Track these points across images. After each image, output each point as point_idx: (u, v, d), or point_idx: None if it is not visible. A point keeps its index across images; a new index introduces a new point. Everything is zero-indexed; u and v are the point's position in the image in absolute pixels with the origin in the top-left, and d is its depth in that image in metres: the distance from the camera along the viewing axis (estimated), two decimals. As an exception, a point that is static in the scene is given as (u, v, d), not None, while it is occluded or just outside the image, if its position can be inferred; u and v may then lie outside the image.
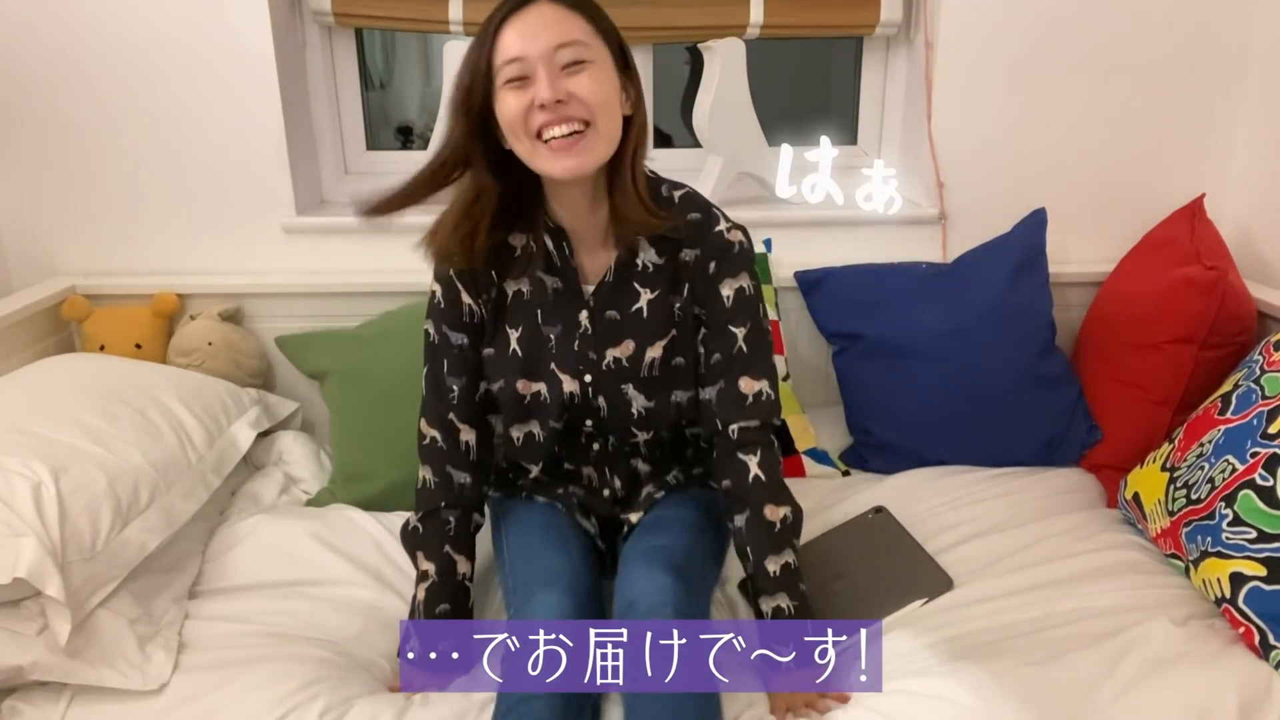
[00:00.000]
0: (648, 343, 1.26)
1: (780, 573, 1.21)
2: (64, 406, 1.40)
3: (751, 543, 1.22)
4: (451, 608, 1.27)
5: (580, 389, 1.27)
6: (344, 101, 1.99)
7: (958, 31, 1.83)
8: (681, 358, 1.28)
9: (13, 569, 1.11)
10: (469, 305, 1.28)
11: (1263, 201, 1.87)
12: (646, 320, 1.26)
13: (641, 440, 1.31)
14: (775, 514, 1.22)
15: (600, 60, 1.13)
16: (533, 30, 1.10)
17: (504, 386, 1.28)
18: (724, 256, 1.24)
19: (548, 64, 1.10)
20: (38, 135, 1.81)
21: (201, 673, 1.20)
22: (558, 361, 1.26)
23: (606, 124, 1.13)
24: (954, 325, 1.74)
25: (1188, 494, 1.37)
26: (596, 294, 1.26)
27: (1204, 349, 1.59)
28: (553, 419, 1.28)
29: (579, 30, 1.11)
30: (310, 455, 1.76)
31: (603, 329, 1.26)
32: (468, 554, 1.31)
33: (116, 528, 1.26)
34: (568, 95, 1.10)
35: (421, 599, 1.26)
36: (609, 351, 1.26)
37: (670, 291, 1.26)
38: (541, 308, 1.27)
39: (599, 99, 1.11)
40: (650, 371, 1.26)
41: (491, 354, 1.29)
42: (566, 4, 1.13)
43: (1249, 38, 1.86)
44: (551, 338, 1.26)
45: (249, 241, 1.89)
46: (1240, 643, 1.22)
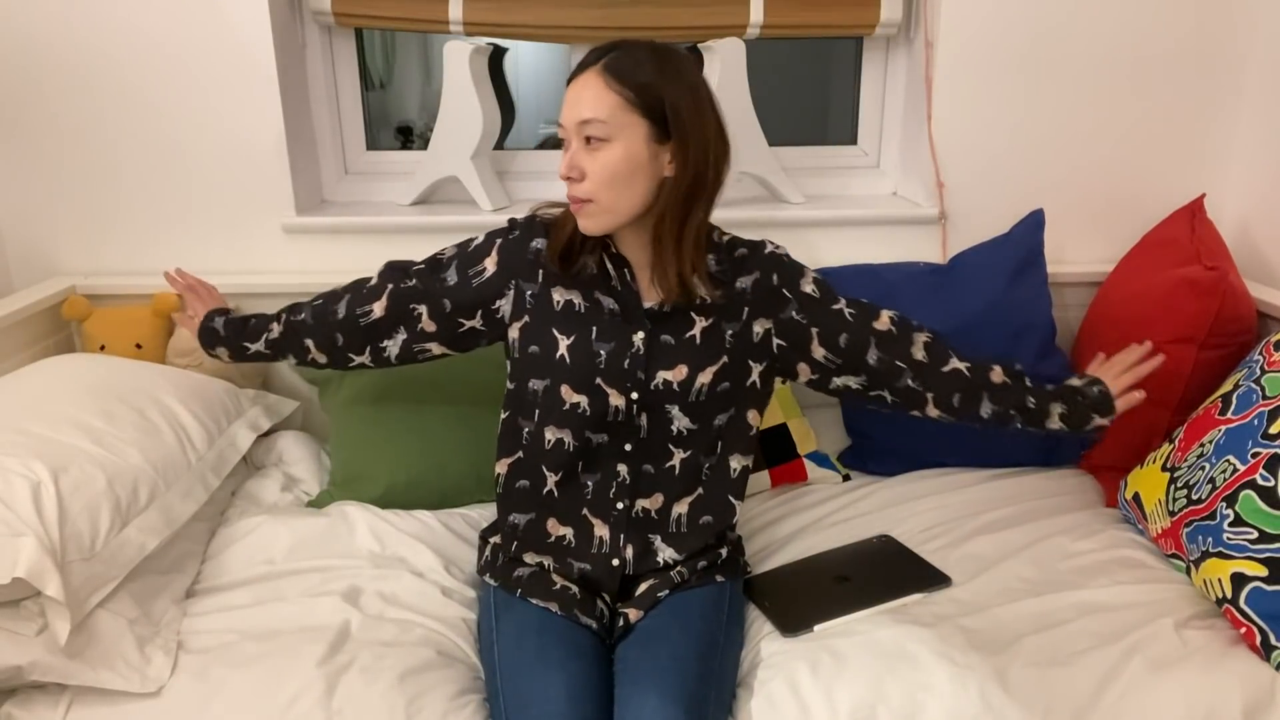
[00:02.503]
0: (700, 368, 1.28)
1: (1037, 398, 1.37)
2: (63, 406, 1.40)
3: (1006, 405, 1.36)
4: (238, 336, 1.48)
5: (626, 405, 1.28)
6: (344, 101, 1.99)
7: (958, 31, 1.83)
8: (728, 382, 1.30)
9: (12, 569, 1.10)
10: (487, 269, 1.32)
11: (1263, 201, 1.87)
12: (700, 346, 1.29)
13: (677, 461, 1.31)
14: (1000, 375, 1.38)
15: (622, 137, 1.18)
16: (570, 102, 1.20)
17: (548, 387, 1.29)
18: (780, 267, 1.34)
19: (575, 137, 1.20)
20: (38, 135, 1.81)
21: (201, 673, 1.20)
22: (605, 377, 1.27)
23: (610, 200, 1.20)
24: (953, 325, 1.73)
25: (1188, 494, 1.37)
26: (653, 318, 1.29)
27: (1204, 349, 1.59)
28: (590, 430, 1.29)
29: (606, 108, 1.17)
30: (310, 455, 1.76)
31: (656, 351, 1.28)
32: (268, 349, 1.47)
33: (116, 528, 1.26)
34: (579, 173, 1.20)
35: (248, 326, 1.48)
36: (660, 373, 1.28)
37: (725, 319, 1.30)
38: (597, 325, 1.29)
39: (601, 180, 1.19)
40: (699, 396, 1.29)
41: (536, 351, 1.30)
42: (612, 74, 1.18)
43: (1249, 38, 1.86)
44: (603, 353, 1.28)
45: (249, 241, 1.89)
46: (1242, 643, 1.22)
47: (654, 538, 1.33)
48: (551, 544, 1.34)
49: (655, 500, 1.33)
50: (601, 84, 1.18)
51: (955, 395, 1.36)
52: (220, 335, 1.49)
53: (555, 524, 1.34)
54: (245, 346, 1.47)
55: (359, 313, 1.38)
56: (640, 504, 1.32)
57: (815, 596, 1.34)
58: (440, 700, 1.19)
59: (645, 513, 1.32)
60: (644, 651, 1.22)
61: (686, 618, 1.26)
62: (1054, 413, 1.38)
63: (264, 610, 1.33)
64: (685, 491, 1.33)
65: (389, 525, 1.53)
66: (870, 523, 1.57)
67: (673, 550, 1.33)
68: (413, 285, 1.36)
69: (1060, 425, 1.39)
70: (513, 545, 1.37)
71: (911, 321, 1.38)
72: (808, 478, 1.73)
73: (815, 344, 1.34)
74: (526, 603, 1.29)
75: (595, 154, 1.19)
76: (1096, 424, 1.41)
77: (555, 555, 1.34)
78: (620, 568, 1.32)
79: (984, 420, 1.38)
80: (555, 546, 1.34)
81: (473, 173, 1.89)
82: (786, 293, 1.33)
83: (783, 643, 1.26)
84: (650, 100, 1.18)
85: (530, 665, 1.19)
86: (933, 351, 1.36)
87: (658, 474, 1.32)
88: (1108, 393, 1.42)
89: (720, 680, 1.21)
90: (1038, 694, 1.14)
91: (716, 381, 1.29)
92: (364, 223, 1.89)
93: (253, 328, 1.47)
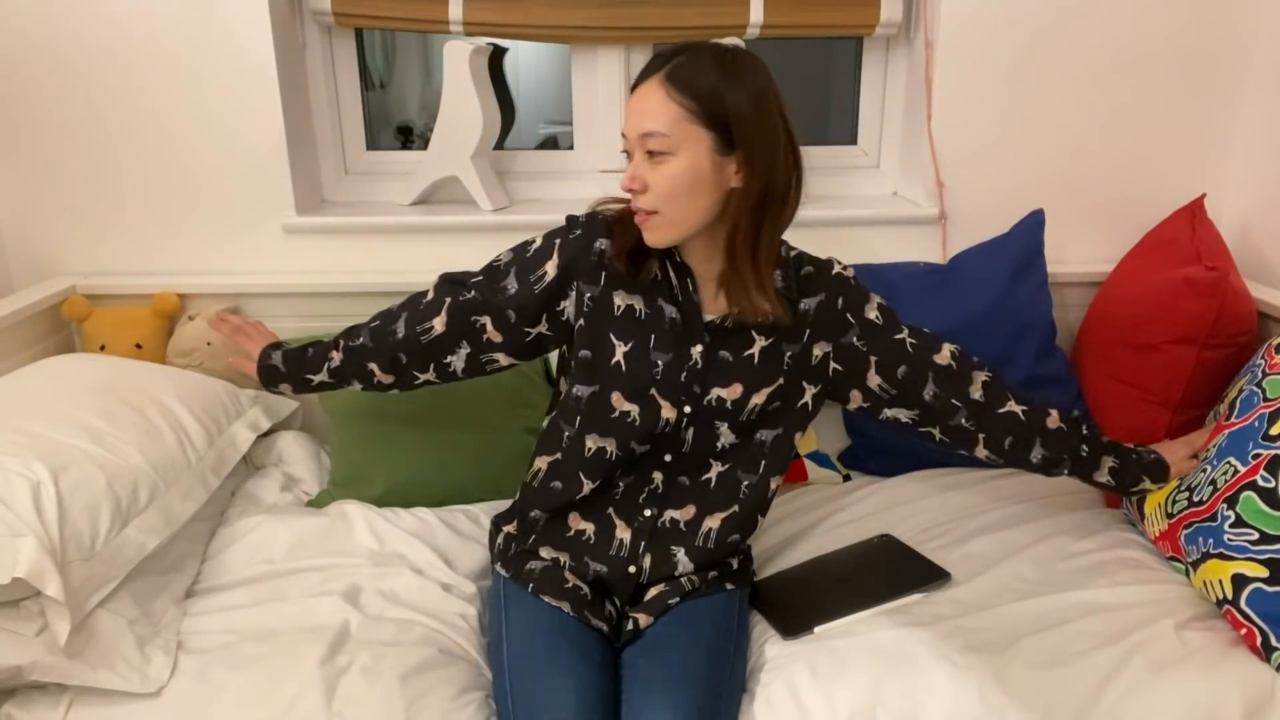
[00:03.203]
0: (755, 388, 1.27)
1: (1090, 447, 1.38)
2: (63, 406, 1.40)
3: (1059, 452, 1.36)
4: (299, 368, 1.44)
5: (676, 418, 1.26)
6: (344, 101, 1.99)
7: (958, 31, 1.83)
8: (780, 401, 1.29)
9: (12, 569, 1.10)
10: (548, 273, 1.28)
11: (1263, 201, 1.87)
12: (758, 366, 1.27)
13: (714, 474, 1.30)
14: (1055, 420, 1.37)
15: (685, 150, 1.14)
16: (633, 113, 1.17)
17: (597, 393, 1.27)
18: (846, 290, 1.31)
19: (637, 149, 1.17)
20: (38, 135, 1.81)
21: (201, 674, 1.20)
22: (660, 388, 1.25)
23: (674, 212, 1.17)
24: (952, 325, 1.74)
25: (1189, 496, 1.37)
26: (713, 331, 1.27)
27: (1204, 349, 1.59)
28: (635, 441, 1.27)
29: (668, 120, 1.14)
30: (310, 456, 1.76)
31: (714, 367, 1.27)
32: (331, 378, 1.43)
33: (116, 528, 1.26)
34: (642, 184, 1.17)
35: (307, 357, 1.43)
36: (715, 389, 1.26)
37: (786, 340, 1.28)
38: (656, 333, 1.26)
39: (665, 192, 1.16)
40: (750, 415, 1.28)
41: (589, 356, 1.28)
42: (674, 84, 1.14)
43: (1249, 38, 1.86)
44: (660, 364, 1.25)
45: (249, 241, 1.89)
46: (1242, 644, 1.22)
47: (677, 550, 1.31)
48: (570, 538, 1.33)
49: (686, 512, 1.31)
50: (664, 94, 1.14)
51: (1008, 439, 1.35)
52: (281, 371, 1.44)
53: (577, 518, 1.33)
54: (308, 379, 1.43)
55: (419, 330, 1.34)
56: (669, 514, 1.31)
57: (815, 598, 1.34)
58: (441, 700, 1.19)
59: (673, 523, 1.31)
60: (654, 660, 1.21)
61: (697, 627, 1.25)
62: (1104, 465, 1.39)
63: (264, 610, 1.33)
64: (722, 507, 1.32)
65: (388, 523, 1.53)
66: (870, 523, 1.57)
67: (693, 563, 1.31)
68: (472, 297, 1.32)
69: (1108, 479, 1.40)
70: (529, 538, 1.36)
71: (972, 359, 1.36)
72: (808, 478, 1.73)
73: (872, 372, 1.31)
74: (537, 599, 1.28)
75: (658, 167, 1.15)
76: (1144, 488, 1.42)
77: (572, 552, 1.33)
78: (636, 575, 1.31)
79: (1032, 465, 1.38)
80: (574, 541, 1.33)
81: (473, 173, 1.89)
82: (850, 317, 1.30)
83: (783, 645, 1.26)
84: (713, 110, 1.13)
85: (540, 667, 1.19)
86: (990, 392, 1.34)
87: (692, 485, 1.31)
88: (1164, 461, 1.42)
89: (730, 692, 1.20)
90: (1038, 694, 1.14)
91: (769, 402, 1.28)
92: (364, 223, 1.89)
93: (312, 358, 1.43)
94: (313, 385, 1.44)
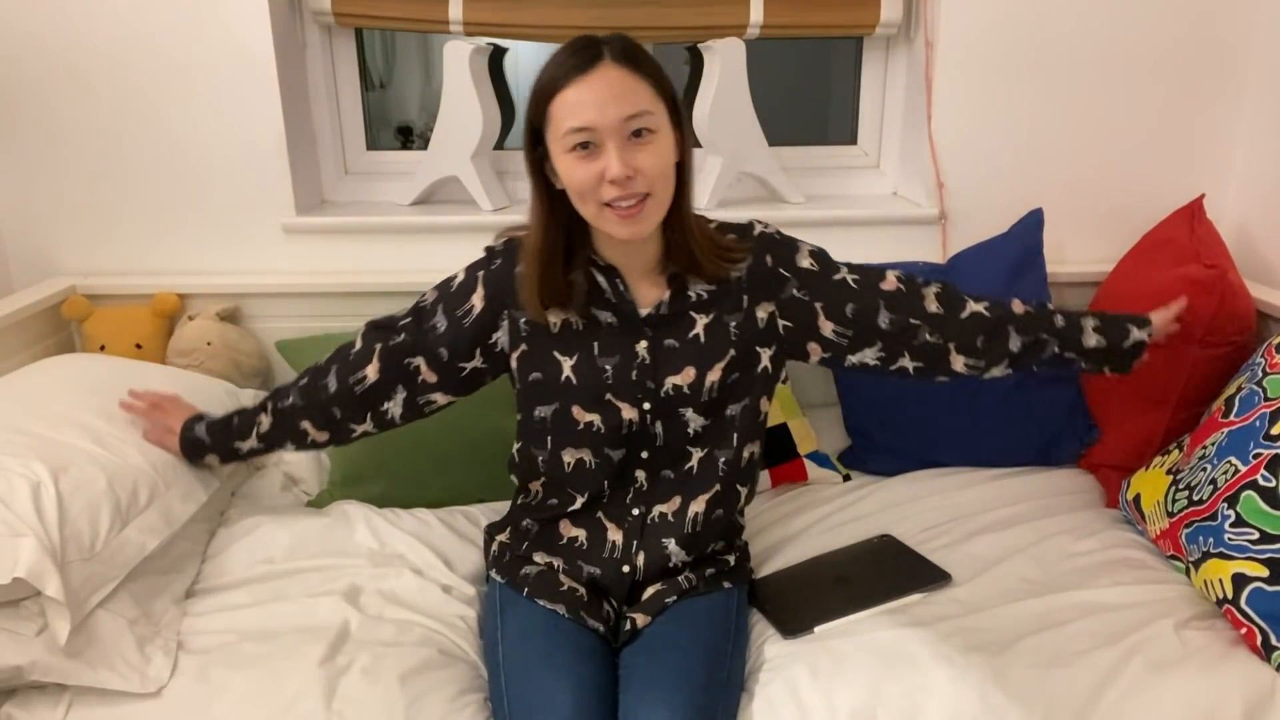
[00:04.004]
0: (708, 367, 1.26)
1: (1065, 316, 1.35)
2: (63, 406, 1.39)
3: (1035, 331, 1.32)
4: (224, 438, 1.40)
5: (639, 416, 1.26)
6: (344, 101, 1.99)
7: (958, 31, 1.83)
8: (738, 373, 1.28)
9: (12, 569, 1.10)
10: (476, 306, 1.28)
11: (1263, 201, 1.87)
12: (704, 345, 1.26)
13: (695, 461, 1.29)
14: (1020, 306, 1.33)
15: (662, 126, 1.14)
16: (600, 99, 1.10)
17: (558, 410, 1.27)
18: (773, 246, 1.29)
19: (617, 137, 1.11)
20: (38, 136, 1.81)
21: (201, 674, 1.20)
22: (615, 391, 1.25)
23: (664, 190, 1.16)
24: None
25: (1189, 495, 1.37)
26: (652, 324, 1.26)
27: (1203, 348, 1.58)
28: (608, 447, 1.27)
29: (646, 99, 1.12)
30: (310, 456, 1.76)
31: (662, 357, 1.26)
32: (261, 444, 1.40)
33: (116, 528, 1.26)
34: (635, 171, 1.12)
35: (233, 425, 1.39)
36: (669, 379, 1.26)
37: (725, 312, 1.27)
38: (598, 340, 1.26)
39: (659, 171, 1.14)
40: (710, 394, 1.27)
41: (539, 378, 1.27)
42: (631, 65, 1.12)
43: (1249, 38, 1.86)
44: (608, 368, 1.25)
45: (249, 241, 1.89)
46: (1242, 644, 1.22)
47: (667, 541, 1.31)
48: (563, 545, 1.33)
49: (673, 504, 1.31)
50: (630, 75, 1.11)
51: (979, 337, 1.31)
52: (206, 444, 1.40)
53: (568, 525, 1.33)
54: (236, 447, 1.39)
55: (352, 381, 1.32)
56: (657, 509, 1.31)
57: (815, 598, 1.34)
58: (441, 701, 1.18)
59: (661, 517, 1.31)
60: (652, 660, 1.20)
61: (695, 626, 1.25)
62: (1088, 328, 1.34)
63: (264, 610, 1.33)
64: (703, 489, 1.31)
65: (388, 524, 1.53)
66: (870, 523, 1.57)
67: (684, 551, 1.31)
68: (402, 340, 1.31)
69: (1098, 340, 1.34)
70: (523, 545, 1.36)
71: (918, 277, 1.33)
72: (808, 478, 1.72)
73: (822, 319, 1.29)
74: (533, 603, 1.28)
75: (645, 147, 1.12)
76: (1135, 336, 1.36)
77: (566, 557, 1.33)
78: (630, 574, 1.31)
79: (1014, 355, 1.32)
80: (567, 548, 1.33)
81: (473, 173, 1.89)
82: (784, 271, 1.29)
83: (783, 645, 1.26)
84: (665, 86, 1.15)
85: (536, 668, 1.19)
86: (946, 300, 1.31)
87: (677, 477, 1.31)
88: (1144, 317, 1.39)
89: (728, 690, 1.20)
90: (1038, 694, 1.14)
91: (726, 375, 1.27)
92: (364, 223, 1.89)
93: (239, 426, 1.39)
94: (242, 453, 1.41)
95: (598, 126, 1.11)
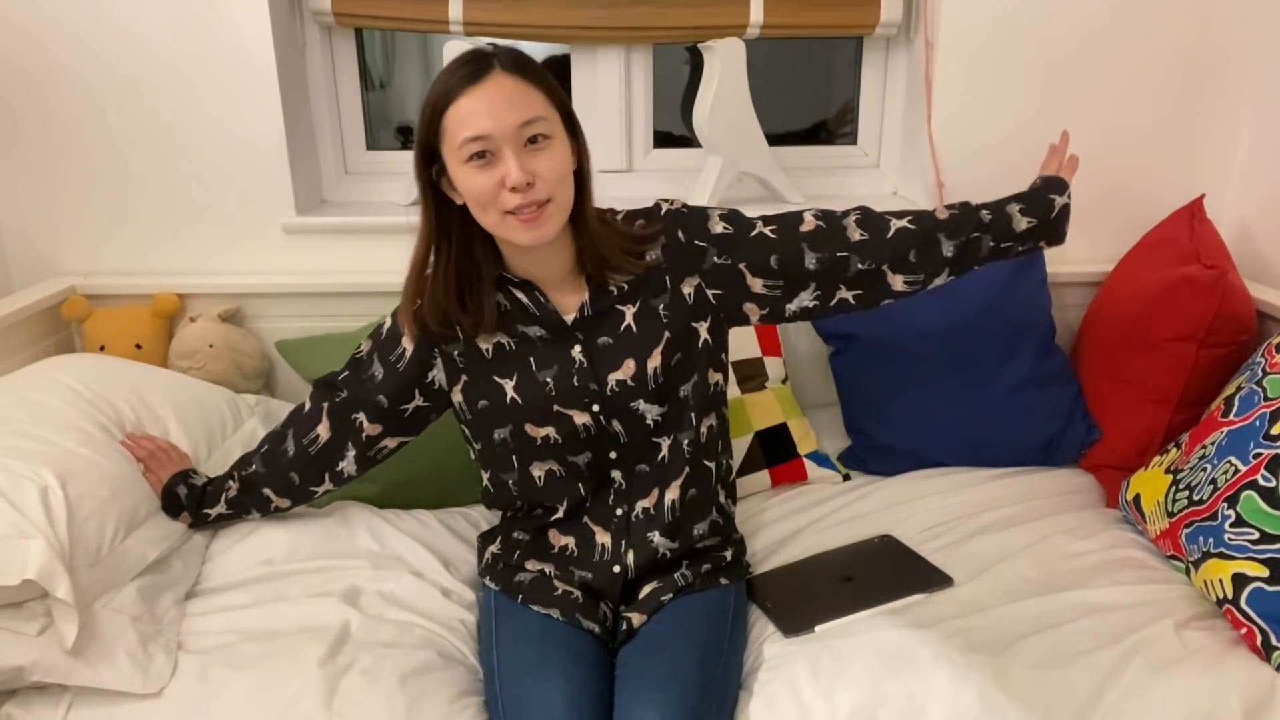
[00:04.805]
0: (646, 355, 1.26)
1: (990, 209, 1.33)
2: (65, 414, 1.39)
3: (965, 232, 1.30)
4: (197, 503, 1.41)
5: (592, 419, 1.27)
6: (344, 101, 1.99)
7: (958, 31, 1.83)
8: (679, 353, 1.28)
9: (22, 570, 1.10)
10: (407, 350, 1.29)
11: (1263, 201, 1.87)
12: (638, 334, 1.26)
13: (665, 450, 1.29)
14: (945, 211, 1.32)
15: (556, 133, 1.15)
16: (494, 108, 1.10)
17: (513, 431, 1.27)
18: (682, 220, 1.29)
19: (513, 143, 1.11)
20: (38, 136, 1.81)
21: (201, 674, 1.20)
22: (560, 401, 1.26)
23: (564, 195, 1.17)
24: (952, 325, 1.74)
25: (1189, 495, 1.37)
26: (581, 328, 1.26)
27: (1203, 348, 1.59)
28: (570, 454, 1.28)
29: (539, 105, 1.13)
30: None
31: (599, 357, 1.26)
32: (229, 509, 1.42)
33: (119, 537, 1.27)
34: (534, 176, 1.12)
35: (206, 492, 1.41)
36: (610, 376, 1.26)
37: (651, 296, 1.27)
38: (533, 356, 1.26)
39: (557, 176, 1.14)
40: (656, 380, 1.27)
41: (486, 405, 1.28)
42: (522, 74, 1.13)
43: (1249, 38, 1.86)
44: (549, 380, 1.26)
45: (249, 242, 1.89)
46: (1242, 644, 1.22)
47: (652, 535, 1.31)
48: (554, 554, 1.33)
49: (651, 497, 1.31)
50: (522, 83, 1.12)
51: (910, 252, 1.29)
52: (182, 504, 1.40)
53: (557, 534, 1.33)
54: (205, 513, 1.41)
55: (306, 442, 1.36)
56: (640, 505, 1.31)
57: (816, 597, 1.34)
58: (441, 702, 1.19)
59: (644, 512, 1.31)
60: (646, 659, 1.21)
61: (690, 623, 1.25)
62: (1014, 213, 1.33)
63: (264, 611, 1.33)
64: (675, 475, 1.31)
65: (388, 525, 1.53)
66: (870, 523, 1.57)
67: (670, 541, 1.31)
68: (345, 396, 1.33)
69: (1028, 221, 1.32)
70: (515, 555, 1.36)
71: (836, 210, 1.32)
72: (808, 478, 1.73)
73: (750, 278, 1.28)
74: (527, 608, 1.29)
75: (541, 153, 1.13)
76: (1059, 203, 1.34)
77: (558, 564, 1.33)
78: (622, 574, 1.31)
79: (951, 260, 1.31)
80: (558, 555, 1.33)
81: (473, 173, 1.88)
82: (699, 243, 1.28)
83: (783, 644, 1.26)
84: (557, 95, 1.17)
85: (531, 670, 1.19)
86: (868, 225, 1.30)
87: (652, 470, 1.31)
88: (1049, 175, 1.39)
89: (723, 688, 1.20)
90: (1038, 695, 1.14)
91: (668, 358, 1.27)
92: (364, 223, 1.89)
93: (211, 492, 1.42)
94: (210, 519, 1.43)
95: (493, 134, 1.11)
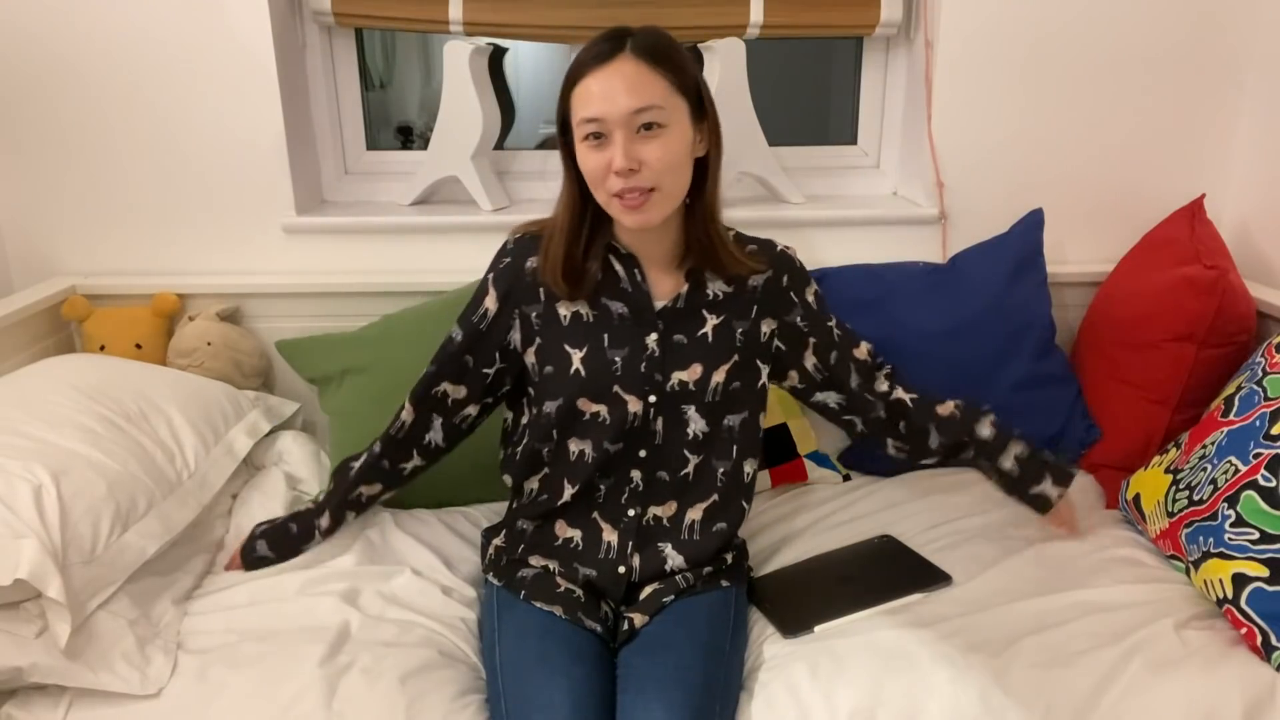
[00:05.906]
0: (714, 366, 1.28)
1: (995, 431, 1.38)
2: (63, 410, 1.39)
3: (954, 433, 1.37)
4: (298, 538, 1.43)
5: (643, 410, 1.27)
6: (344, 101, 1.99)
7: (958, 31, 1.83)
8: (739, 381, 1.30)
9: (14, 570, 1.10)
10: (489, 310, 1.30)
11: (1263, 201, 1.87)
12: (712, 344, 1.29)
13: (691, 467, 1.30)
14: (946, 407, 1.39)
15: (674, 121, 1.16)
16: (612, 92, 1.13)
17: (563, 404, 1.28)
18: (792, 269, 1.34)
19: (624, 128, 1.14)
20: (38, 136, 1.81)
21: (201, 674, 1.20)
22: (623, 383, 1.26)
23: (672, 185, 1.18)
24: (952, 325, 1.74)
25: (1189, 495, 1.37)
26: (665, 317, 1.28)
27: (1203, 348, 1.59)
28: (608, 440, 1.28)
29: (658, 93, 1.14)
30: (310, 455, 1.75)
31: (670, 352, 1.28)
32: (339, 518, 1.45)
33: (116, 532, 1.26)
34: (639, 164, 1.14)
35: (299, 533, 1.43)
36: (675, 374, 1.27)
37: (735, 318, 1.30)
38: (608, 332, 1.27)
39: (666, 165, 1.15)
40: (714, 395, 1.28)
41: (551, 372, 1.29)
42: (650, 59, 1.14)
43: (1249, 38, 1.86)
44: (617, 360, 1.26)
45: (249, 241, 1.89)
46: (1242, 644, 1.22)
47: (664, 545, 1.31)
48: (559, 546, 1.33)
49: (669, 507, 1.32)
50: (646, 68, 1.13)
51: (900, 423, 1.39)
52: (271, 557, 1.42)
53: (564, 526, 1.33)
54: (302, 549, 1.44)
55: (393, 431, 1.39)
56: (652, 511, 1.31)
57: (816, 597, 1.34)
58: (441, 701, 1.18)
59: (656, 520, 1.31)
60: (648, 659, 1.21)
61: (692, 625, 1.25)
62: (1011, 452, 1.39)
63: (264, 610, 1.33)
64: (700, 498, 1.32)
65: (389, 524, 1.53)
66: (870, 523, 1.57)
67: (683, 558, 1.31)
68: (430, 371, 1.35)
69: (1013, 467, 1.40)
70: (519, 548, 1.36)
71: (879, 356, 1.41)
72: (808, 478, 1.73)
73: (809, 352, 1.36)
74: (529, 605, 1.29)
75: (653, 141, 1.14)
76: (1043, 490, 1.41)
77: (561, 559, 1.33)
78: (626, 575, 1.31)
79: (937, 451, 1.40)
80: (562, 549, 1.33)
81: (473, 173, 1.89)
82: (794, 296, 1.34)
83: (783, 644, 1.26)
84: (686, 80, 1.17)
85: (533, 669, 1.19)
86: (895, 381, 1.40)
87: (672, 481, 1.31)
88: (1069, 471, 1.42)
89: (725, 689, 1.20)
90: (1038, 694, 1.14)
91: (730, 380, 1.29)
92: (364, 223, 1.89)
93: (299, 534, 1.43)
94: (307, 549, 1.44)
95: (606, 117, 1.13)
